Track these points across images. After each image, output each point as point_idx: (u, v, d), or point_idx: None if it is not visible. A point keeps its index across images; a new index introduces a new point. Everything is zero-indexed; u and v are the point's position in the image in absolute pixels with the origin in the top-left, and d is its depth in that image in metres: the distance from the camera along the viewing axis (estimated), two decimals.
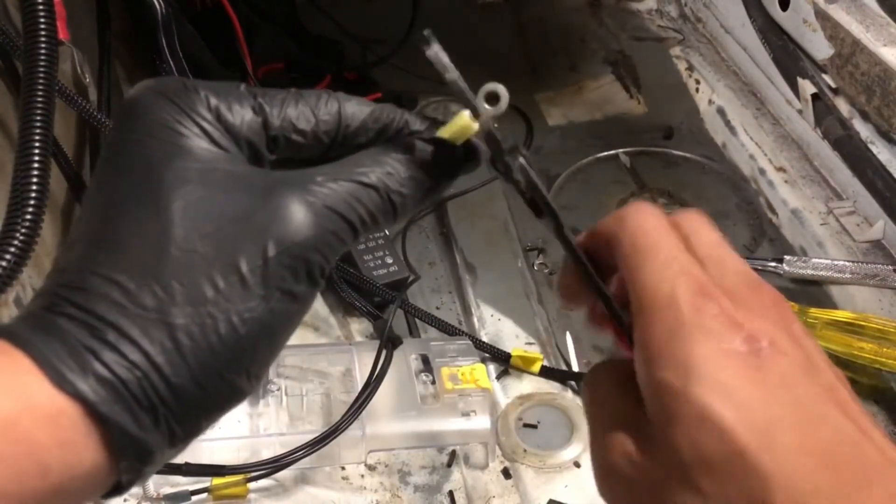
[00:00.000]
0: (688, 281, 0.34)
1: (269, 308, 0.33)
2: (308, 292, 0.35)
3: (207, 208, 0.33)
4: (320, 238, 0.34)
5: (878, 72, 1.04)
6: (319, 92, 0.38)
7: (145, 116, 0.35)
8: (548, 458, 0.85)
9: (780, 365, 0.32)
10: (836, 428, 0.31)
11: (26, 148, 0.53)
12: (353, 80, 1.32)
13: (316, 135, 0.37)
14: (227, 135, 0.36)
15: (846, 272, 1.02)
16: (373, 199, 0.36)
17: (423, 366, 0.89)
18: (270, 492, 0.82)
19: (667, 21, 1.53)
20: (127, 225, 0.33)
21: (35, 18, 0.55)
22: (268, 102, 0.37)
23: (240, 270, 0.33)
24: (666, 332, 0.33)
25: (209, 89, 0.36)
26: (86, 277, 0.32)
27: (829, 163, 1.16)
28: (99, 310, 0.31)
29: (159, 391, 0.31)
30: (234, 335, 0.33)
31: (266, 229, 0.33)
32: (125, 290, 0.32)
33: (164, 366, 0.31)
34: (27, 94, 0.54)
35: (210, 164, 0.34)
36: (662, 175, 1.24)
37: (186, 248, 0.32)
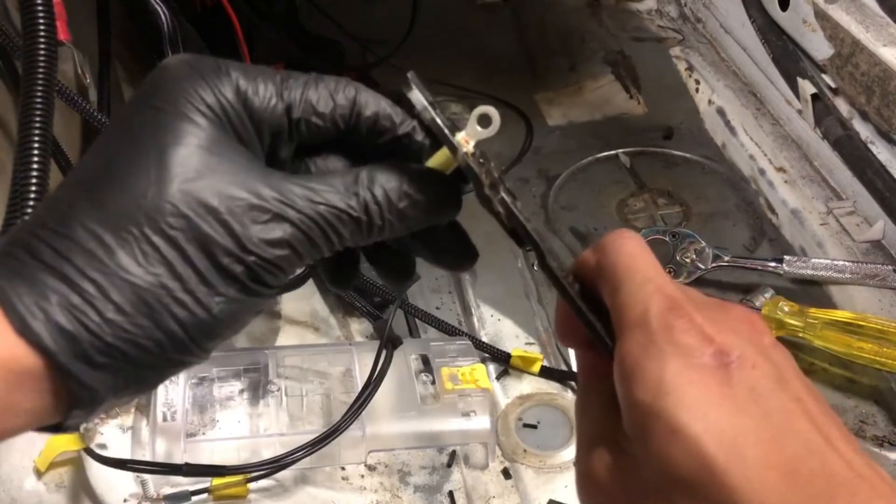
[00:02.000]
0: (660, 299, 0.35)
1: (235, 297, 0.35)
2: (266, 292, 0.36)
3: (201, 194, 0.34)
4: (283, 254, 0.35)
5: (877, 72, 1.04)
6: (337, 77, 0.39)
7: (172, 85, 0.36)
8: (548, 459, 0.85)
9: (749, 378, 0.33)
10: (804, 441, 0.32)
11: (26, 148, 0.53)
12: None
13: (333, 119, 0.38)
14: (250, 120, 0.37)
15: (846, 272, 1.02)
16: (347, 226, 0.37)
17: (423, 366, 0.89)
18: (270, 492, 0.82)
19: (666, 21, 1.53)
20: (123, 187, 0.34)
21: (34, 19, 0.55)
22: (290, 85, 0.38)
23: (216, 258, 0.34)
24: (638, 349, 0.34)
25: (239, 71, 0.37)
26: (71, 226, 0.33)
27: (829, 163, 1.16)
28: (79, 262, 0.33)
29: (125, 351, 0.33)
30: (204, 314, 0.34)
31: (244, 230, 0.34)
32: (108, 249, 0.33)
33: (136, 329, 0.33)
34: (26, 95, 0.54)
35: (215, 150, 0.35)
36: (662, 175, 1.24)
37: (175, 224, 0.34)
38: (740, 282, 1.05)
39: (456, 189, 0.40)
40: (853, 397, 0.93)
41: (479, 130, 0.38)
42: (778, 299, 0.98)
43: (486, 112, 0.38)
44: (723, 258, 1.05)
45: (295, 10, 1.37)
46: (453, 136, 0.38)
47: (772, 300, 0.98)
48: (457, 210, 0.40)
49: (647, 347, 0.34)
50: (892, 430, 0.90)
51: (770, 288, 1.01)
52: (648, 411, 0.33)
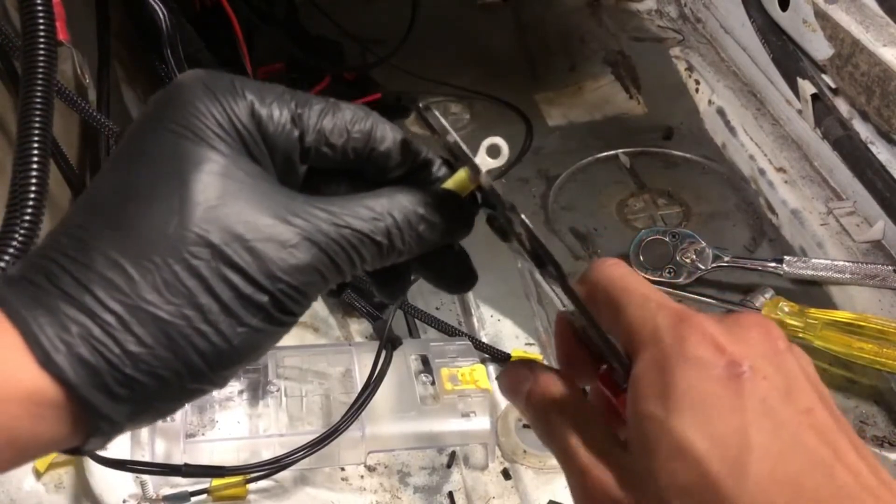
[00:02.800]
0: (667, 313, 0.35)
1: (258, 327, 0.34)
2: (290, 321, 0.36)
3: (224, 222, 0.34)
4: (311, 281, 0.35)
5: (877, 72, 1.04)
6: (356, 107, 0.39)
7: (188, 106, 0.35)
8: (547, 459, 0.85)
9: (760, 390, 0.33)
10: (811, 455, 0.32)
11: (25, 148, 0.53)
12: (353, 80, 1.32)
13: (345, 150, 0.38)
14: (263, 143, 0.36)
15: (846, 272, 1.02)
16: (369, 249, 0.37)
17: (423, 366, 0.89)
18: (270, 493, 0.82)
19: (666, 21, 1.53)
20: (144, 214, 0.34)
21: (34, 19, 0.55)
22: (306, 113, 0.37)
23: (239, 288, 0.34)
24: (652, 366, 0.34)
25: (254, 93, 0.36)
26: (92, 254, 0.33)
27: (829, 163, 1.16)
28: (100, 293, 0.32)
29: (145, 383, 0.33)
30: (226, 345, 0.34)
31: (269, 258, 0.34)
32: (129, 279, 0.33)
33: (156, 360, 0.33)
34: (26, 95, 0.54)
35: (237, 176, 0.35)
36: (662, 175, 1.24)
37: (197, 253, 0.33)
38: (740, 282, 1.05)
39: (470, 212, 0.40)
40: (853, 397, 0.93)
41: (488, 161, 0.38)
42: (778, 300, 0.98)
43: (496, 143, 0.38)
44: (723, 258, 1.05)
45: (295, 9, 1.36)
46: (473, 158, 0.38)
47: (772, 300, 0.98)
48: (468, 232, 0.40)
49: (660, 363, 0.34)
50: (892, 431, 0.90)
51: (770, 288, 1.01)
52: (658, 428, 0.33)
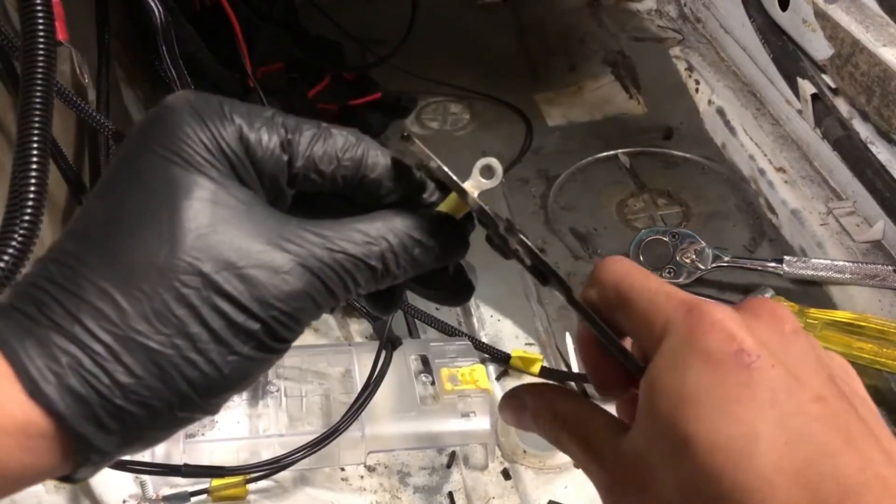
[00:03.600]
0: (676, 304, 0.35)
1: (250, 356, 0.34)
2: (283, 348, 0.36)
3: (215, 249, 0.34)
4: (304, 307, 0.35)
5: (877, 72, 1.04)
6: (348, 134, 0.38)
7: (177, 131, 0.35)
8: (547, 459, 0.85)
9: (769, 379, 0.32)
10: (819, 444, 0.31)
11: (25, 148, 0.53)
12: (353, 80, 1.32)
13: (334, 177, 0.38)
14: (252, 169, 0.36)
15: (846, 272, 1.02)
16: (363, 273, 0.36)
17: (423, 367, 0.89)
18: (270, 493, 0.82)
19: (666, 21, 1.53)
20: (134, 242, 0.33)
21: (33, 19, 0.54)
22: (296, 139, 0.37)
23: (230, 316, 0.33)
24: (664, 361, 0.34)
25: (243, 118, 0.36)
26: (80, 282, 0.33)
27: (829, 163, 1.16)
28: (89, 324, 0.32)
29: (135, 413, 0.32)
30: (216, 374, 0.34)
31: (261, 284, 0.34)
32: (119, 309, 0.32)
33: (146, 391, 0.32)
34: (25, 95, 0.54)
35: (228, 202, 0.35)
36: (662, 175, 1.24)
37: (188, 282, 0.33)
38: (740, 282, 1.05)
39: (465, 234, 0.40)
40: None
41: (482, 181, 0.38)
42: (778, 300, 0.97)
43: (489, 164, 0.38)
44: (723, 258, 1.05)
45: (294, 9, 1.37)
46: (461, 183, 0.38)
47: (772, 300, 0.98)
48: (464, 254, 0.40)
49: (672, 358, 0.34)
50: (893, 431, 0.89)
51: (770, 288, 1.01)
52: (667, 423, 0.32)
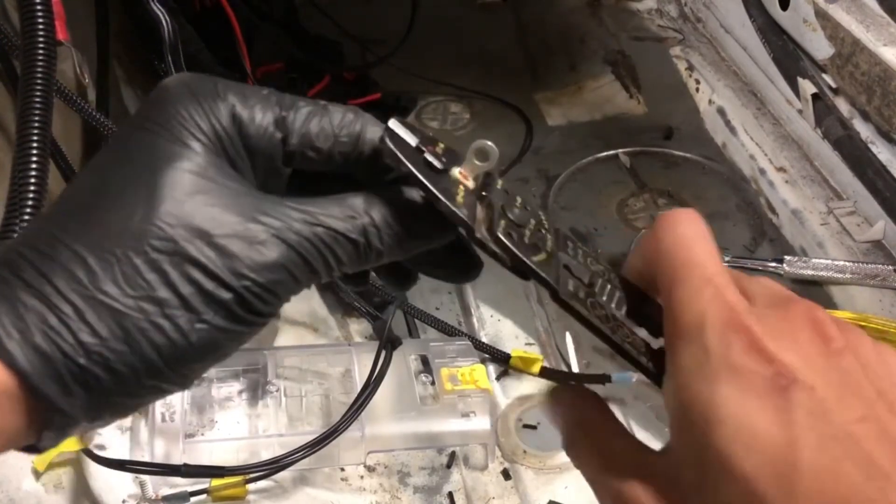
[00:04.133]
0: (719, 309, 0.33)
1: (219, 325, 0.34)
2: (257, 321, 0.35)
3: (190, 218, 0.34)
4: (280, 279, 0.35)
5: (878, 72, 1.04)
6: (346, 109, 0.38)
7: (167, 108, 0.35)
8: (547, 460, 0.85)
9: (806, 402, 0.31)
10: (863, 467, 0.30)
11: (24, 148, 0.53)
12: (353, 80, 1.32)
13: (331, 154, 0.38)
14: (243, 147, 0.36)
15: (846, 272, 1.02)
16: (345, 249, 0.36)
17: (423, 366, 0.89)
18: (269, 493, 0.81)
19: (667, 21, 1.53)
20: (112, 208, 0.34)
21: (33, 18, 0.54)
22: (291, 116, 0.37)
23: (200, 284, 0.33)
24: (694, 364, 0.32)
25: (237, 96, 0.36)
26: (57, 246, 0.33)
27: (830, 163, 1.16)
28: (59, 284, 0.32)
29: (99, 375, 0.32)
30: (183, 341, 0.33)
31: (235, 255, 0.34)
32: (90, 271, 0.32)
33: (111, 353, 0.32)
34: (25, 94, 0.54)
35: (209, 175, 0.35)
36: (662, 175, 1.24)
37: (160, 247, 0.33)
38: None
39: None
40: None
41: (477, 164, 0.37)
42: None
43: (483, 147, 0.37)
44: (723, 258, 1.05)
45: (294, 9, 1.36)
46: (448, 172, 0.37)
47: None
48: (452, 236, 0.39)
49: (703, 365, 0.32)
50: None
51: None
52: (702, 441, 0.31)
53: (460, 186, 0.37)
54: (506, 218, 0.37)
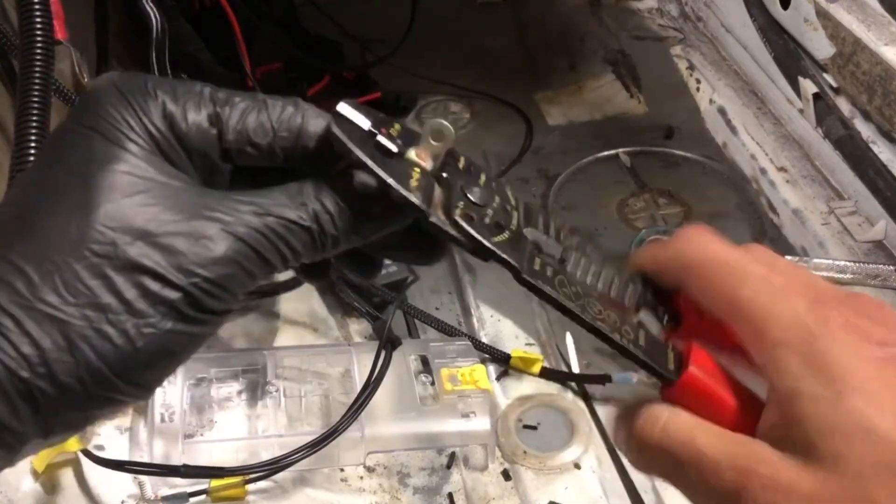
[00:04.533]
0: (798, 296, 0.34)
1: (168, 328, 0.33)
2: (211, 320, 0.34)
3: (130, 219, 0.33)
4: (231, 273, 0.34)
5: (879, 71, 1.03)
6: (286, 103, 0.37)
7: (98, 109, 0.35)
8: (548, 460, 0.85)
9: None
10: None
11: (23, 147, 0.53)
12: (353, 79, 1.32)
13: (272, 149, 0.37)
14: (178, 145, 0.35)
15: (847, 272, 1.02)
16: (299, 237, 0.35)
17: (423, 367, 0.88)
18: (269, 493, 0.81)
19: (667, 20, 1.53)
20: (49, 216, 0.33)
21: (31, 18, 0.54)
22: (226, 112, 0.36)
23: (145, 286, 0.32)
24: (800, 347, 0.33)
25: (168, 93, 0.35)
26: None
27: (831, 162, 1.16)
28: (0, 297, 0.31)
29: (44, 388, 0.31)
30: (129, 347, 0.32)
31: (180, 252, 0.33)
32: (29, 282, 0.32)
33: (55, 364, 0.31)
34: (23, 94, 0.54)
35: (147, 174, 0.34)
36: (663, 175, 1.24)
37: (100, 251, 0.32)
38: None
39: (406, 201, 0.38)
40: None
41: (433, 145, 0.36)
42: None
43: (438, 126, 0.36)
44: None
45: (294, 9, 1.36)
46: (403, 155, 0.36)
47: None
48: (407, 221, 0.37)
49: (810, 344, 0.33)
50: None
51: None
52: (830, 408, 0.32)
53: (416, 169, 0.36)
54: (465, 199, 0.37)
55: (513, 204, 0.39)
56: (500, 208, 0.38)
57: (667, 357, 0.38)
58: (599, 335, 0.37)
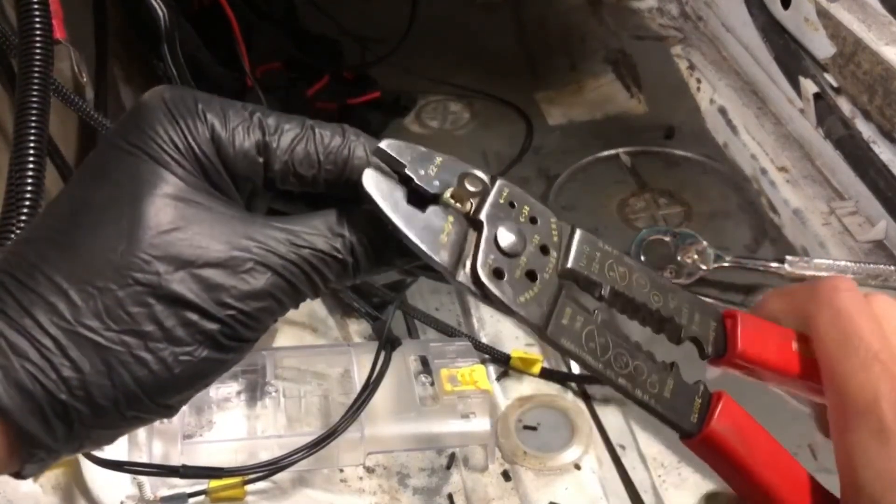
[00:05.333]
0: (893, 387, 0.35)
1: (204, 356, 0.34)
2: (242, 347, 0.35)
3: (173, 248, 0.33)
4: (266, 306, 0.34)
5: (880, 71, 1.03)
6: (334, 132, 0.37)
7: (147, 129, 0.34)
8: (548, 461, 0.85)
9: None
10: None
11: (21, 147, 0.53)
12: (352, 79, 1.32)
13: (316, 180, 0.37)
14: (223, 170, 0.35)
15: (848, 272, 1.02)
16: (332, 268, 0.35)
17: (423, 367, 0.88)
18: (268, 494, 0.81)
19: (667, 20, 1.52)
20: (93, 237, 0.33)
21: (30, 17, 0.54)
22: (274, 141, 0.36)
23: (185, 316, 0.33)
24: (868, 441, 0.34)
25: (217, 117, 0.35)
26: (35, 276, 0.32)
27: (831, 162, 1.16)
28: (40, 317, 0.32)
29: (80, 410, 0.32)
30: (167, 374, 0.33)
31: (220, 285, 0.33)
32: (71, 304, 0.32)
33: (93, 387, 0.32)
34: (22, 93, 0.54)
35: (191, 199, 0.34)
36: (663, 175, 1.24)
37: (143, 280, 0.33)
38: (742, 282, 1.04)
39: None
40: None
41: (470, 190, 0.36)
42: None
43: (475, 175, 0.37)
44: (724, 258, 1.05)
45: (293, 8, 1.36)
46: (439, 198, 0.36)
47: None
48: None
49: (878, 436, 0.34)
50: None
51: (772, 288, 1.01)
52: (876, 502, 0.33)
53: (449, 217, 0.36)
54: (496, 250, 0.36)
55: (555, 240, 0.38)
56: (536, 251, 0.37)
57: (692, 406, 0.38)
58: (621, 390, 0.37)
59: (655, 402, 0.37)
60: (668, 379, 0.38)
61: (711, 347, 0.39)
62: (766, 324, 0.40)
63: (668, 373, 0.38)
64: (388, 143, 0.36)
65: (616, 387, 0.37)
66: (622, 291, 0.38)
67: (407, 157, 0.36)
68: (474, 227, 0.36)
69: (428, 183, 0.36)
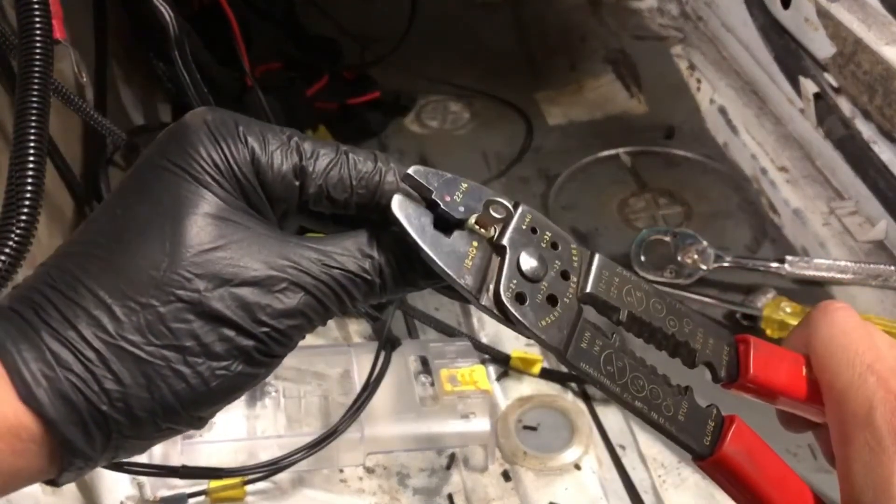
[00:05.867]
0: (886, 399, 0.35)
1: (239, 370, 0.35)
2: (274, 362, 0.36)
3: (213, 266, 0.34)
4: (298, 324, 0.36)
5: (880, 71, 1.03)
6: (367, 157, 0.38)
7: (189, 149, 0.36)
8: (548, 461, 0.85)
9: None
10: None
11: (21, 147, 0.53)
12: (352, 78, 1.32)
13: (347, 204, 0.38)
14: (261, 191, 0.37)
15: (848, 272, 1.02)
16: (360, 289, 0.37)
17: (422, 367, 0.88)
18: (268, 494, 0.81)
19: (668, 20, 1.52)
20: (135, 253, 0.34)
21: (30, 17, 0.54)
22: (310, 166, 0.37)
23: (223, 333, 0.34)
24: (864, 451, 0.35)
25: (257, 140, 0.37)
26: (79, 290, 0.33)
27: (831, 162, 1.16)
28: (84, 330, 0.33)
29: (119, 421, 0.33)
30: (203, 388, 0.34)
31: (256, 304, 0.35)
32: (114, 318, 0.33)
33: (132, 399, 0.33)
34: (22, 93, 0.54)
35: (231, 219, 0.35)
36: (663, 175, 1.23)
37: (184, 297, 0.34)
38: (742, 282, 1.04)
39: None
40: None
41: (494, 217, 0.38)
42: (780, 300, 0.97)
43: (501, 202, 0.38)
44: (724, 258, 1.05)
45: (293, 7, 1.36)
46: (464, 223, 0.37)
47: (774, 301, 0.97)
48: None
49: (874, 452, 0.35)
50: None
51: (772, 288, 1.01)
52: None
53: (474, 243, 0.37)
54: (519, 275, 0.37)
55: (575, 265, 0.39)
56: (557, 277, 0.38)
57: (705, 429, 0.39)
58: (637, 413, 0.38)
59: (670, 425, 0.38)
60: (682, 402, 0.39)
61: (724, 371, 0.40)
62: (777, 349, 0.41)
63: (682, 396, 0.39)
64: (415, 170, 0.37)
65: (633, 410, 0.38)
66: (639, 316, 0.39)
67: (434, 183, 0.37)
68: (497, 252, 0.38)
69: (454, 209, 0.37)
